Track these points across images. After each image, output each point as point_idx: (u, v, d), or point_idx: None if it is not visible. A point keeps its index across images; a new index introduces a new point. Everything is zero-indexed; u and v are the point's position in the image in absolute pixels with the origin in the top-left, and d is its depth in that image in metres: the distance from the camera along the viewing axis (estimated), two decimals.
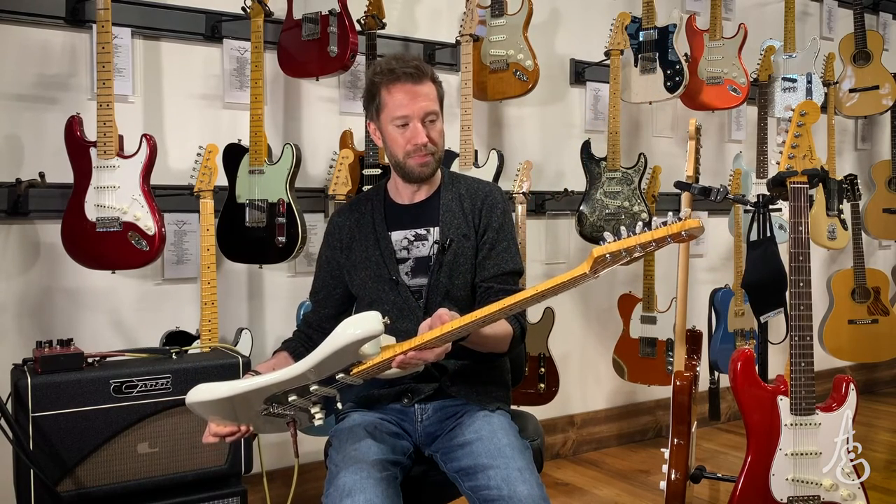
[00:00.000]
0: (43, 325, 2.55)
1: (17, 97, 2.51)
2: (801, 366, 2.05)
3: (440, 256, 1.85)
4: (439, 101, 1.86)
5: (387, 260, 1.87)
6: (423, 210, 1.91)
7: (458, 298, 1.85)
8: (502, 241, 1.89)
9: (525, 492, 1.59)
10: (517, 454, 1.68)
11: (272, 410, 1.64)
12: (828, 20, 4.54)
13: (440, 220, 1.88)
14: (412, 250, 1.88)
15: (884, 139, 4.70)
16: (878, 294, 4.07)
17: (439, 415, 1.83)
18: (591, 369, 3.76)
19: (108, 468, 1.99)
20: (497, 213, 1.90)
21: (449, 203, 1.90)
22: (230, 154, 2.69)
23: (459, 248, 1.86)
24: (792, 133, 2.12)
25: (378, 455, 1.67)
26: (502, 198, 1.94)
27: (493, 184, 1.99)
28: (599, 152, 3.36)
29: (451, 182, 1.94)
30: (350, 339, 1.49)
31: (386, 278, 1.86)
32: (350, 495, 1.56)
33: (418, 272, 1.87)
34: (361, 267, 1.90)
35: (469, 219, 1.88)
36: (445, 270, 1.85)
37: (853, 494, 2.02)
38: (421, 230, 1.89)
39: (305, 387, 1.58)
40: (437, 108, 1.84)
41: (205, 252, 2.50)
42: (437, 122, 1.85)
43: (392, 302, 1.86)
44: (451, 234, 1.86)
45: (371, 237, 1.90)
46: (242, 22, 2.77)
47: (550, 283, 1.41)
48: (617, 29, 3.36)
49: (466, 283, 1.86)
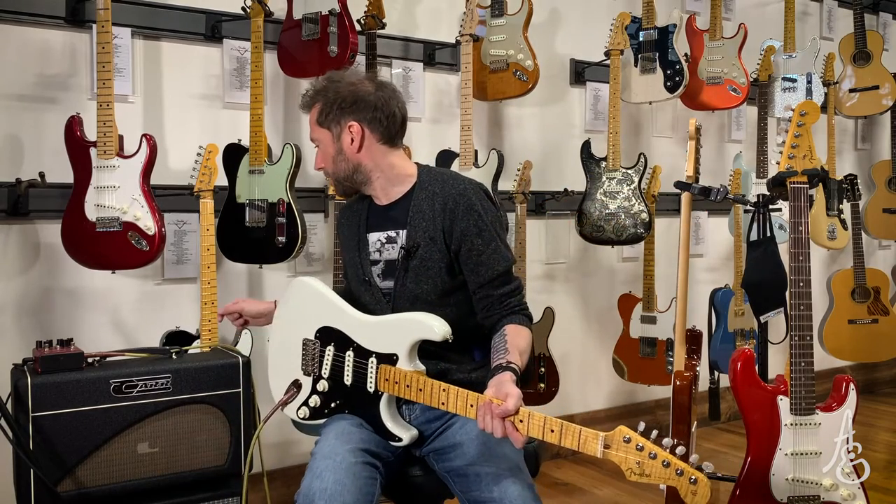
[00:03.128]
0: (43, 325, 2.55)
1: (17, 97, 2.51)
2: (801, 366, 2.05)
3: (405, 262, 1.85)
4: (319, 123, 1.88)
5: (363, 261, 1.92)
6: (395, 212, 1.90)
7: (428, 301, 1.83)
8: (489, 242, 1.83)
9: (515, 492, 1.60)
10: (507, 454, 1.69)
11: (310, 348, 1.86)
12: (828, 20, 4.54)
13: (408, 222, 1.86)
14: (383, 252, 1.91)
15: (884, 139, 4.70)
16: (878, 294, 4.07)
17: (427, 415, 1.83)
18: (591, 369, 3.75)
19: (108, 468, 1.99)
20: (474, 217, 1.82)
21: (420, 204, 1.86)
22: (230, 154, 2.69)
23: (426, 252, 1.83)
24: (792, 133, 2.12)
25: (356, 444, 1.69)
26: (478, 197, 1.85)
27: (469, 180, 1.89)
28: (599, 152, 3.36)
29: (428, 180, 1.89)
30: (422, 318, 1.71)
31: (361, 278, 1.92)
32: (320, 477, 1.60)
33: (388, 274, 1.90)
34: (349, 265, 2.00)
35: (437, 221, 1.83)
36: (412, 276, 1.84)
37: (853, 494, 2.02)
38: (391, 232, 1.90)
39: (348, 341, 1.80)
40: (314, 133, 1.91)
41: (205, 252, 2.50)
42: (320, 146, 1.91)
43: (366, 302, 1.91)
44: (419, 237, 1.83)
45: (355, 238, 1.96)
46: (242, 22, 2.77)
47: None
48: (617, 29, 3.36)
49: (435, 286, 1.84)
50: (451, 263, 1.84)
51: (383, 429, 1.76)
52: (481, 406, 1.55)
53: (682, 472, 1.37)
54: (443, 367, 1.81)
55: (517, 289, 1.88)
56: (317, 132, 1.90)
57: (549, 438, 1.49)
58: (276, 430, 2.87)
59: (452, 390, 1.62)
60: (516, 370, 1.65)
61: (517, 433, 1.52)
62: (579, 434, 1.46)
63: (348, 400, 1.81)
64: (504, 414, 1.52)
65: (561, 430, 1.47)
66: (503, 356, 1.70)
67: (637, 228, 3.26)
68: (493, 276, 1.84)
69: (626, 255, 3.79)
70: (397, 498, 1.86)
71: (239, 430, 2.11)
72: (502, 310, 1.84)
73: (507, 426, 1.52)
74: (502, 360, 1.69)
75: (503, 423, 1.52)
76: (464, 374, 1.83)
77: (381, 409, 1.75)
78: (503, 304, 1.84)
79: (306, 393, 1.87)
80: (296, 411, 1.88)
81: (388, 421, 1.75)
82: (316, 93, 1.89)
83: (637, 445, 1.40)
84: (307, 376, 1.87)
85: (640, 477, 1.39)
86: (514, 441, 1.53)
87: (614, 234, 3.28)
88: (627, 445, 1.41)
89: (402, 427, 1.77)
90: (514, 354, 1.70)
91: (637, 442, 1.40)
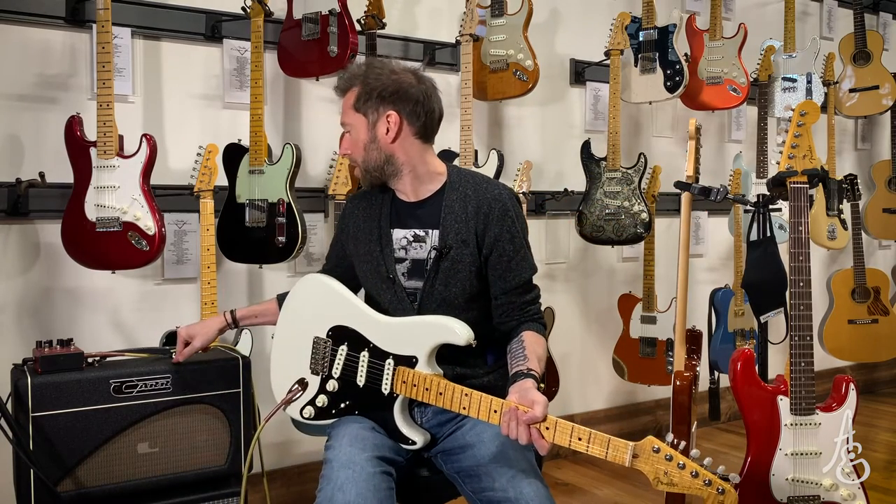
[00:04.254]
0: (43, 325, 2.55)
1: (17, 97, 2.51)
2: (801, 366, 2.05)
3: (437, 263, 1.81)
4: (355, 108, 1.82)
5: (386, 258, 1.86)
6: (424, 210, 1.86)
7: (455, 305, 1.81)
8: (519, 249, 1.83)
9: (531, 492, 1.60)
10: (520, 455, 1.69)
11: (320, 346, 1.84)
12: (828, 20, 4.54)
13: (441, 223, 1.82)
14: (410, 251, 1.86)
15: (884, 139, 4.70)
16: (878, 294, 4.07)
17: (439, 417, 1.83)
18: (591, 369, 3.75)
19: (108, 468, 1.99)
20: (508, 223, 1.82)
21: (452, 205, 1.83)
22: (230, 154, 2.69)
23: (458, 254, 1.80)
24: (792, 133, 2.12)
25: (372, 452, 1.67)
26: (512, 203, 1.85)
27: (503, 186, 1.89)
28: (599, 152, 3.36)
29: (458, 180, 1.86)
30: (445, 322, 1.70)
31: (384, 276, 1.86)
32: (342, 489, 1.58)
33: (414, 274, 1.85)
34: (364, 260, 1.91)
35: (471, 224, 1.81)
36: (441, 277, 1.81)
37: (853, 494, 2.02)
38: (420, 231, 1.85)
39: (363, 342, 1.78)
40: (346, 119, 1.85)
41: (205, 252, 2.50)
42: (351, 132, 1.85)
43: (388, 300, 1.86)
44: (451, 239, 1.81)
45: (375, 232, 1.89)
46: (242, 22, 2.77)
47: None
48: (617, 29, 3.36)
49: (464, 290, 1.82)
50: (481, 268, 1.82)
51: (396, 432, 1.75)
52: (506, 412, 1.55)
53: (711, 482, 1.41)
54: (459, 372, 1.79)
55: (537, 297, 1.89)
56: (351, 117, 1.84)
57: (576, 446, 1.50)
58: (276, 430, 2.87)
59: (475, 395, 1.62)
60: (537, 377, 1.66)
61: (543, 440, 1.52)
62: (608, 443, 1.47)
63: (359, 401, 1.80)
64: (532, 421, 1.52)
65: (589, 438, 1.48)
66: (523, 363, 1.70)
67: (637, 228, 3.26)
68: (518, 284, 1.83)
69: (626, 255, 3.79)
70: (404, 498, 1.85)
71: (239, 431, 2.11)
72: (521, 316, 1.84)
73: (532, 433, 1.52)
74: (522, 366, 1.69)
75: (528, 430, 1.52)
76: (478, 379, 1.82)
77: (395, 411, 1.75)
78: (523, 311, 1.84)
79: (313, 392, 1.85)
80: (300, 411, 1.86)
81: (402, 424, 1.75)
82: (354, 76, 1.84)
83: (666, 456, 1.42)
84: (315, 375, 1.85)
85: (669, 486, 1.42)
86: (539, 448, 1.53)
87: (614, 234, 3.28)
88: (657, 455, 1.43)
89: (415, 430, 1.76)
90: (534, 361, 1.70)
91: (666, 452, 1.42)
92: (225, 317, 2.07)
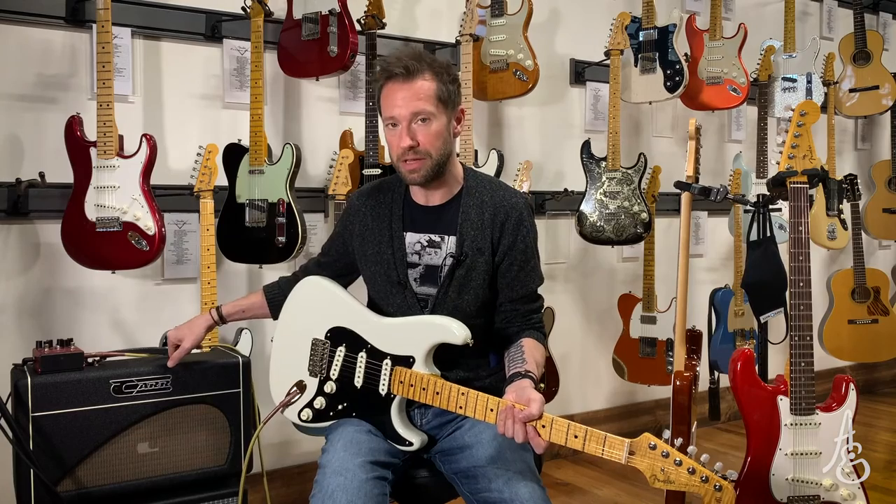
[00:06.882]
0: (43, 325, 2.55)
1: (17, 97, 2.51)
2: (801, 366, 2.05)
3: (453, 271, 1.78)
4: (440, 98, 1.70)
5: (398, 262, 1.82)
6: (440, 215, 1.81)
7: (467, 313, 1.79)
8: (530, 259, 1.82)
9: (527, 494, 1.60)
10: (517, 457, 1.69)
11: (319, 348, 1.83)
12: (828, 20, 4.54)
13: (458, 230, 1.78)
14: (423, 256, 1.82)
15: (884, 139, 4.70)
16: (878, 294, 4.07)
17: (440, 418, 1.82)
18: (591, 369, 3.75)
19: (108, 468, 1.99)
20: (523, 232, 1.79)
21: (469, 211, 1.78)
22: (230, 154, 2.69)
23: (473, 262, 1.77)
24: (792, 133, 2.12)
25: (366, 457, 1.66)
26: (528, 212, 1.82)
27: (518, 193, 1.86)
28: (599, 152, 3.36)
29: (475, 186, 1.82)
30: (442, 321, 1.70)
31: (395, 280, 1.82)
32: (332, 497, 1.57)
33: (427, 280, 1.82)
34: (373, 262, 1.86)
35: (487, 232, 1.77)
36: (455, 285, 1.78)
37: (853, 494, 2.02)
38: (435, 237, 1.81)
39: (361, 342, 1.77)
40: (428, 106, 1.69)
41: (205, 252, 2.50)
42: (432, 123, 1.70)
43: (397, 305, 1.83)
44: (468, 246, 1.77)
45: (386, 234, 1.84)
46: (242, 22, 2.76)
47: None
48: (617, 29, 3.36)
49: (477, 298, 1.79)
50: (493, 276, 1.80)
51: (393, 433, 1.74)
52: (503, 410, 1.54)
53: (707, 478, 1.39)
54: (462, 376, 1.78)
55: (541, 307, 1.89)
56: (434, 106, 1.70)
57: (572, 444, 1.49)
58: (276, 430, 2.87)
59: (472, 394, 1.62)
60: (534, 378, 1.65)
61: (539, 438, 1.51)
62: (604, 440, 1.46)
63: (356, 402, 1.79)
64: (527, 418, 1.51)
65: (585, 435, 1.48)
66: (521, 365, 1.69)
67: (637, 228, 3.26)
68: (525, 293, 1.83)
69: (626, 255, 3.79)
70: (402, 498, 1.85)
71: (239, 431, 2.11)
72: (523, 323, 1.84)
73: (528, 431, 1.51)
74: (520, 368, 1.68)
75: (524, 428, 1.51)
76: (480, 381, 1.82)
77: (392, 412, 1.74)
78: (526, 318, 1.84)
79: (311, 394, 1.84)
80: (297, 414, 1.84)
81: (399, 425, 1.74)
82: (419, 59, 1.71)
83: (662, 452, 1.42)
84: (313, 377, 1.84)
85: (665, 483, 1.41)
86: (535, 446, 1.52)
87: (614, 234, 3.28)
88: (653, 452, 1.42)
89: (412, 431, 1.75)
90: (532, 364, 1.70)
91: (662, 449, 1.42)
92: (211, 314, 2.05)
